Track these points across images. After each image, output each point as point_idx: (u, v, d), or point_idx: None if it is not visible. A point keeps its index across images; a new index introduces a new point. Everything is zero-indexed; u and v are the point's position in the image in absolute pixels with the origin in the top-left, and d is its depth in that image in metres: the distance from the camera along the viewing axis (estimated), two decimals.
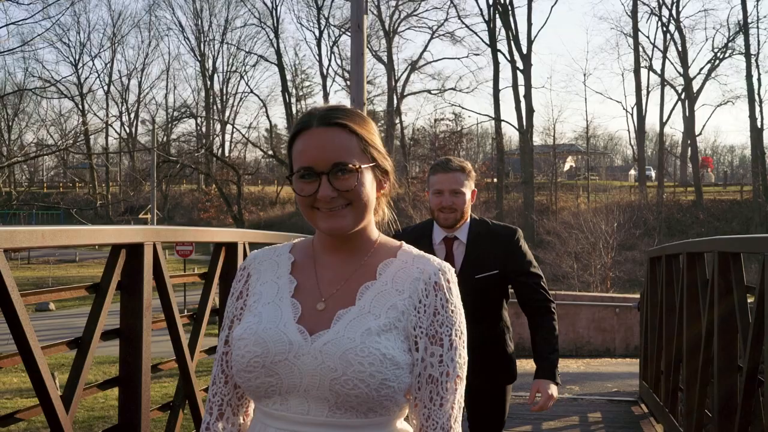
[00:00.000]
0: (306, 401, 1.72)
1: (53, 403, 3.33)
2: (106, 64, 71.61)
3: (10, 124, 68.61)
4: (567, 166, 72.20)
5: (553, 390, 3.79)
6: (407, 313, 1.76)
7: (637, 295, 14.30)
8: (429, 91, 62.30)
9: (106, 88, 70.42)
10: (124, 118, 71.19)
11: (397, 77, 61.53)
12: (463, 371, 1.80)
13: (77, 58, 69.62)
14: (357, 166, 1.77)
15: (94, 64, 71.11)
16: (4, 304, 3.09)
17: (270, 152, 62.05)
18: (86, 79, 68.68)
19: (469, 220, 4.07)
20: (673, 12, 55.83)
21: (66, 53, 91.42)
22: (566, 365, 13.29)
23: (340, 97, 65.45)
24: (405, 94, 62.39)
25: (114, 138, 73.91)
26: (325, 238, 1.86)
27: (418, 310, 1.77)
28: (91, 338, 3.69)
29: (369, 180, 1.81)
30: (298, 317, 1.79)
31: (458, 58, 72.58)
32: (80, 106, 67.08)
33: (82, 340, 3.71)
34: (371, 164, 1.82)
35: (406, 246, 1.90)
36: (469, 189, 4.01)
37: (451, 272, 1.83)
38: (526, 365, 12.44)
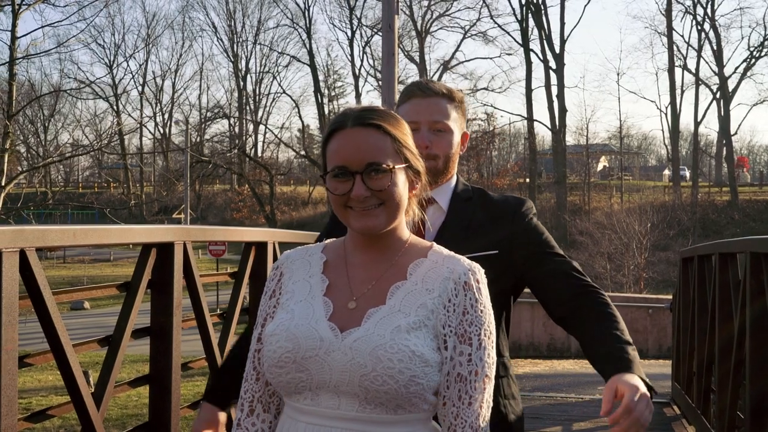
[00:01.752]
0: (336, 396, 1.74)
1: (84, 401, 3.37)
2: (140, 65, 72.68)
3: (47, 124, 69.26)
4: (600, 166, 71.75)
5: (640, 384, 1.94)
6: (436, 312, 1.78)
7: (671, 296, 14.16)
8: (461, 91, 62.04)
9: (140, 88, 71.18)
10: (158, 119, 72.01)
11: (429, 77, 61.48)
12: (492, 371, 1.81)
13: (112, 59, 70.40)
14: (390, 167, 1.80)
15: (128, 65, 72.51)
16: (36, 302, 3.12)
17: (302, 152, 62.30)
18: (121, 80, 69.70)
19: (455, 178, 2.63)
20: (708, 10, 55.28)
21: (101, 54, 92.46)
22: None
23: (372, 98, 65.60)
24: None
25: (148, 138, 74.89)
26: (357, 237, 1.88)
27: (447, 309, 1.78)
28: (121, 336, 3.72)
29: (402, 180, 1.84)
30: (330, 315, 1.81)
31: (490, 58, 72.58)
32: (115, 107, 67.74)
33: (113, 339, 3.75)
34: (404, 165, 1.84)
35: (436, 246, 1.91)
36: (458, 127, 2.62)
37: (481, 273, 1.85)
38: (557, 366, 12.37)
